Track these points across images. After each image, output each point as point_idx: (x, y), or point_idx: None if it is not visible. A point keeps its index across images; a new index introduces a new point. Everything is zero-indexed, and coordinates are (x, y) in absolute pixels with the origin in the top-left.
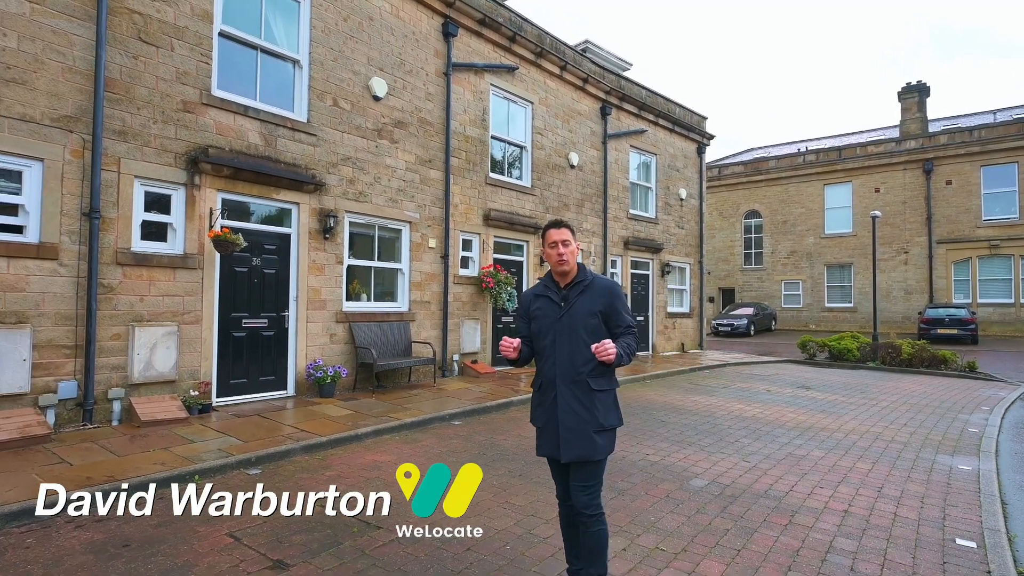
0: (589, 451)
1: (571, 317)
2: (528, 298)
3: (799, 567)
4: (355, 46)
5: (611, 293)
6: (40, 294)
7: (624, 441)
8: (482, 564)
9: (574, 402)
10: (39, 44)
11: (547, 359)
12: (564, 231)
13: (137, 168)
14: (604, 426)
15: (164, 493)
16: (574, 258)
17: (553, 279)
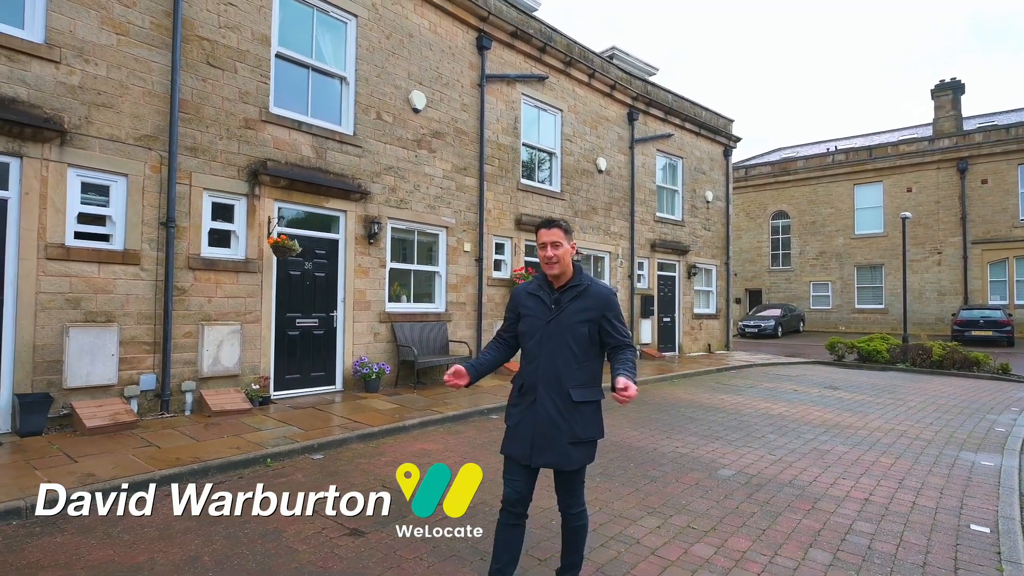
0: (561, 461)
1: (560, 322)
2: (521, 294)
3: (820, 545)
4: (396, 62)
5: (605, 302)
6: (125, 296)
7: (655, 435)
8: (532, 537)
9: (553, 410)
10: (124, 71)
11: (531, 362)
12: (555, 231)
13: (205, 181)
14: (581, 438)
15: (243, 473)
16: (567, 259)
17: (547, 279)
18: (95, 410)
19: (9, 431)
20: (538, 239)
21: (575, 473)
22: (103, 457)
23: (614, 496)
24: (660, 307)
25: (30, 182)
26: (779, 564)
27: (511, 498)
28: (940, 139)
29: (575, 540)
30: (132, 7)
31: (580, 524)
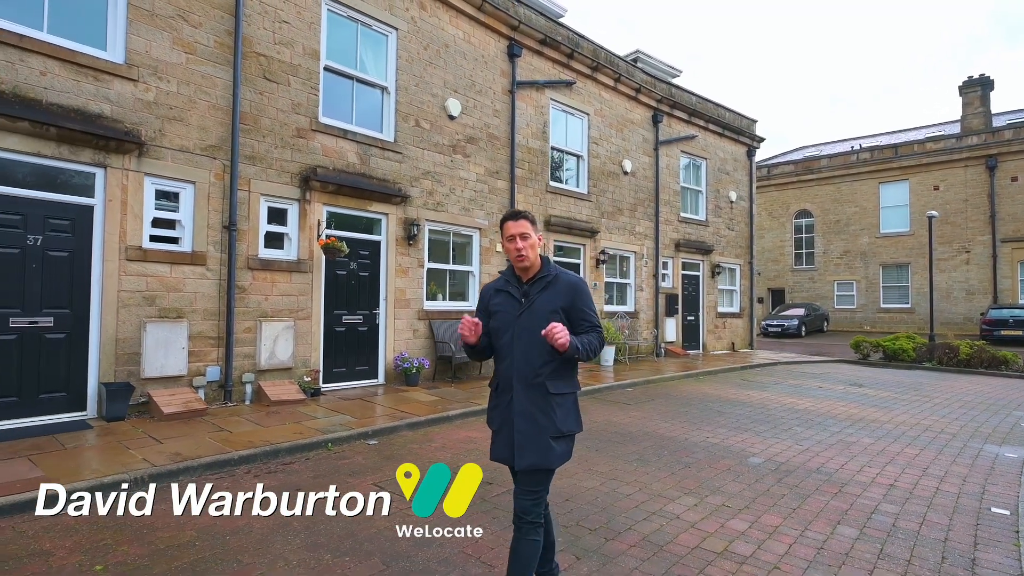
0: (544, 459)
1: (531, 315)
2: (488, 292)
3: (847, 522)
4: (433, 71)
5: (574, 289)
6: (193, 294)
7: (685, 427)
8: (580, 510)
9: (530, 406)
10: (192, 87)
11: (504, 358)
12: (523, 223)
13: (263, 187)
14: (562, 432)
15: (310, 455)
16: (535, 252)
17: (515, 273)
18: (169, 398)
19: (96, 416)
20: (504, 232)
21: (544, 474)
22: (184, 440)
23: (652, 479)
24: (684, 306)
25: (112, 190)
26: (809, 537)
27: None
28: (968, 136)
29: (527, 557)
30: (199, 27)
31: (535, 539)
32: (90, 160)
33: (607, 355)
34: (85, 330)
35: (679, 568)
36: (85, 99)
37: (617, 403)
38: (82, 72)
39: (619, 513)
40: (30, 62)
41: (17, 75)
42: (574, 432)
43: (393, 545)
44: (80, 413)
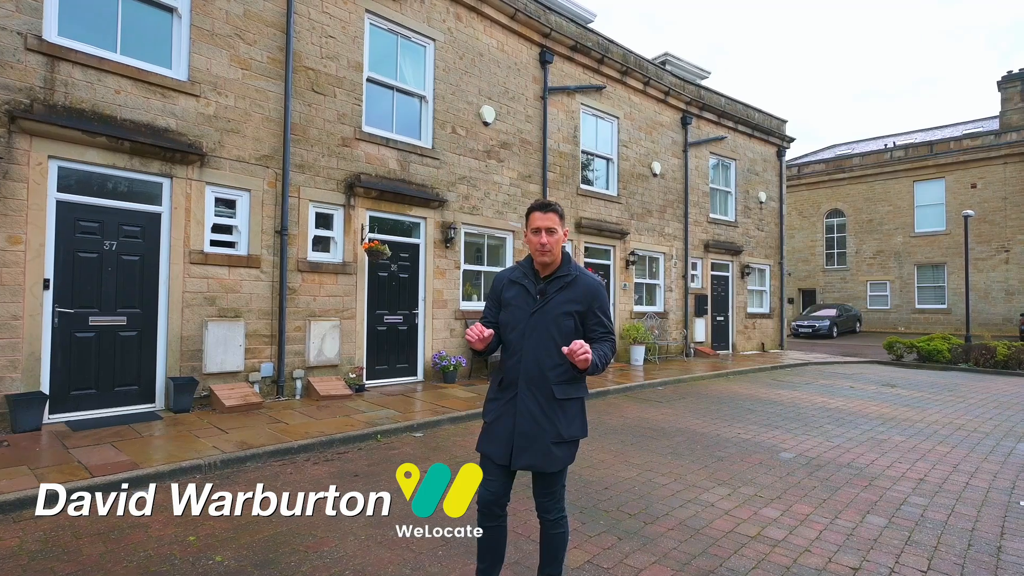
0: (543, 462)
1: (544, 314)
2: (502, 282)
3: (876, 512)
4: (469, 80)
5: (593, 293)
6: (248, 295)
7: (717, 423)
8: (619, 497)
9: (535, 408)
10: (247, 101)
11: (512, 355)
12: (551, 216)
13: (311, 194)
14: (564, 438)
15: (362, 446)
16: (559, 247)
17: (533, 267)
18: (229, 392)
19: (164, 408)
20: (530, 223)
21: (556, 475)
22: (246, 430)
23: (686, 471)
24: (713, 306)
25: (178, 198)
26: (839, 524)
27: (486, 499)
28: (1007, 132)
29: (554, 550)
30: (253, 45)
31: (559, 532)
32: (158, 171)
33: (636, 354)
34: (154, 328)
35: (715, 549)
36: (154, 114)
37: (649, 401)
38: (151, 89)
39: (656, 500)
40: (106, 82)
41: (96, 94)
42: (577, 438)
43: None
44: (150, 405)
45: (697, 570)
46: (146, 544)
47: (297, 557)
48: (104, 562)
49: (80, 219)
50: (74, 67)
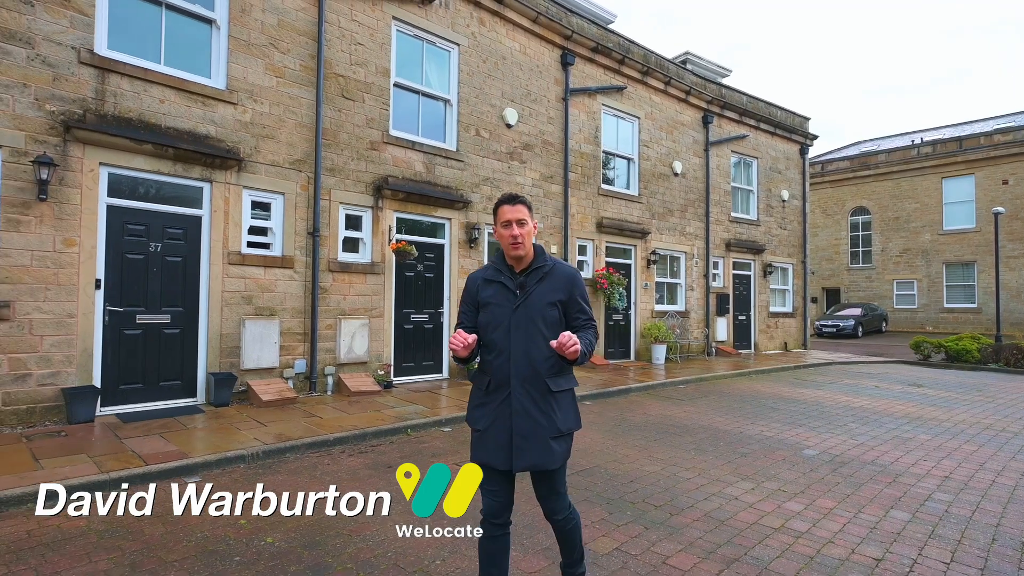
0: (545, 459)
1: (528, 307)
2: (476, 283)
3: (900, 507)
4: (492, 83)
5: (572, 281)
6: (283, 294)
7: (740, 421)
8: (645, 489)
9: (530, 405)
10: (281, 107)
11: (498, 355)
12: (520, 208)
13: (341, 196)
14: (562, 431)
15: (393, 439)
16: (530, 240)
17: (506, 262)
18: (265, 387)
19: (204, 402)
20: (499, 217)
21: (558, 472)
22: (283, 424)
23: (709, 466)
24: (735, 305)
25: (217, 202)
26: (863, 518)
27: (492, 509)
28: None
29: (570, 539)
30: (287, 53)
31: (572, 526)
32: (199, 176)
33: (658, 353)
34: (195, 326)
35: (739, 539)
36: (195, 122)
37: (671, 399)
38: (192, 98)
39: (681, 493)
40: (152, 92)
41: (142, 103)
42: (573, 430)
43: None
44: (191, 399)
45: (722, 558)
46: (201, 526)
47: (341, 540)
48: (166, 541)
49: (128, 222)
50: (122, 78)
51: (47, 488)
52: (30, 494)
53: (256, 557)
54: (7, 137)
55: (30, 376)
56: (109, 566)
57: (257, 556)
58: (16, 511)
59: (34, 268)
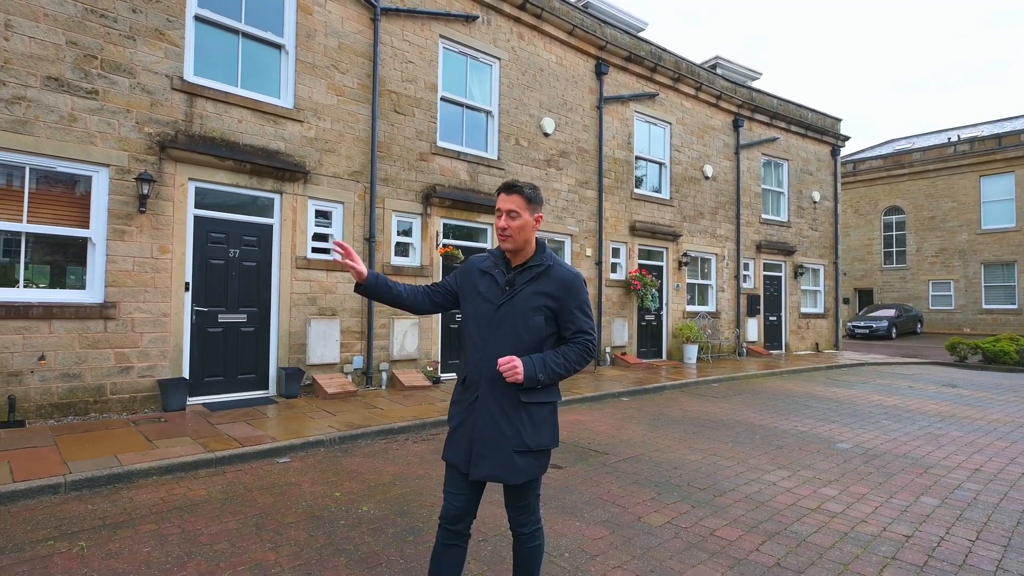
0: (504, 473)
1: (512, 308)
2: (473, 271)
3: (930, 494)
4: (530, 94)
5: (567, 286)
6: (343, 296)
7: (774, 417)
8: (688, 475)
9: (497, 411)
10: (341, 123)
11: (474, 351)
12: (514, 198)
13: (394, 205)
14: (530, 447)
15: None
16: (523, 234)
17: (504, 255)
18: (328, 381)
19: (275, 394)
20: (496, 205)
21: (527, 486)
22: (349, 414)
23: (747, 456)
24: (766, 306)
25: (286, 212)
26: (894, 503)
27: (450, 513)
28: None
29: (529, 564)
30: (346, 73)
31: (535, 545)
32: (271, 188)
33: (690, 353)
34: (267, 324)
35: (779, 517)
36: (267, 139)
37: (705, 396)
38: (265, 117)
39: (722, 479)
40: (231, 113)
41: (223, 124)
42: (547, 448)
43: (546, 485)
44: (264, 391)
45: (764, 531)
46: (304, 497)
47: (426, 510)
48: (278, 508)
49: (211, 231)
50: (207, 101)
51: (167, 463)
52: (155, 468)
53: (357, 521)
54: (114, 157)
55: (132, 368)
56: (238, 525)
57: (358, 521)
58: (144, 482)
59: (135, 272)
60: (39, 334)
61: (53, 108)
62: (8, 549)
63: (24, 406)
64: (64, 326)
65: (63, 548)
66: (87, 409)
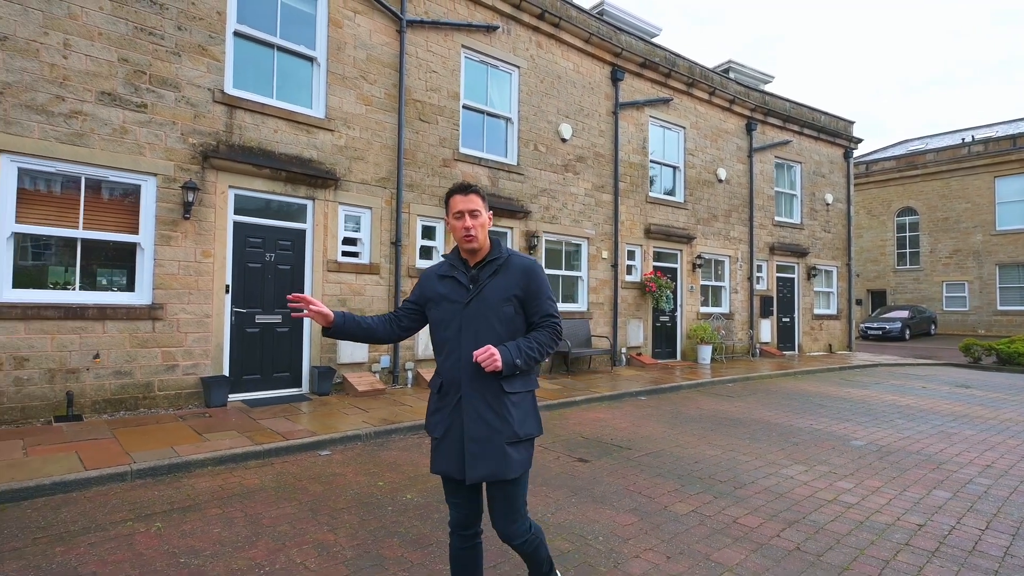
0: (501, 468)
1: (481, 303)
2: (431, 279)
3: (942, 488)
4: (548, 101)
5: (529, 273)
6: (370, 297)
7: (789, 415)
8: (709, 468)
9: (483, 407)
10: (369, 132)
11: (449, 355)
12: (472, 198)
13: (419, 210)
14: (520, 436)
15: None
16: (484, 232)
17: (460, 257)
18: (359, 379)
19: (308, 392)
20: (451, 208)
21: (515, 485)
22: (381, 410)
23: (764, 451)
24: (779, 307)
25: (318, 217)
26: (907, 496)
27: (459, 520)
28: None
29: (536, 557)
30: (374, 84)
31: (534, 546)
32: (304, 195)
33: (704, 353)
34: (300, 325)
35: (797, 507)
36: (301, 148)
37: (720, 395)
38: (298, 127)
39: (742, 472)
40: (268, 123)
41: (260, 134)
42: (533, 436)
43: (570, 473)
44: (298, 389)
45: (784, 520)
46: (351, 486)
47: None
48: (327, 496)
49: (249, 236)
50: (245, 113)
51: (220, 455)
52: (210, 459)
53: (403, 508)
54: (161, 167)
55: (177, 367)
56: (294, 510)
57: (404, 507)
58: (201, 471)
59: (180, 276)
60: (94, 334)
61: (106, 121)
62: (92, 528)
63: (80, 401)
64: (116, 326)
65: (141, 528)
66: (136, 405)
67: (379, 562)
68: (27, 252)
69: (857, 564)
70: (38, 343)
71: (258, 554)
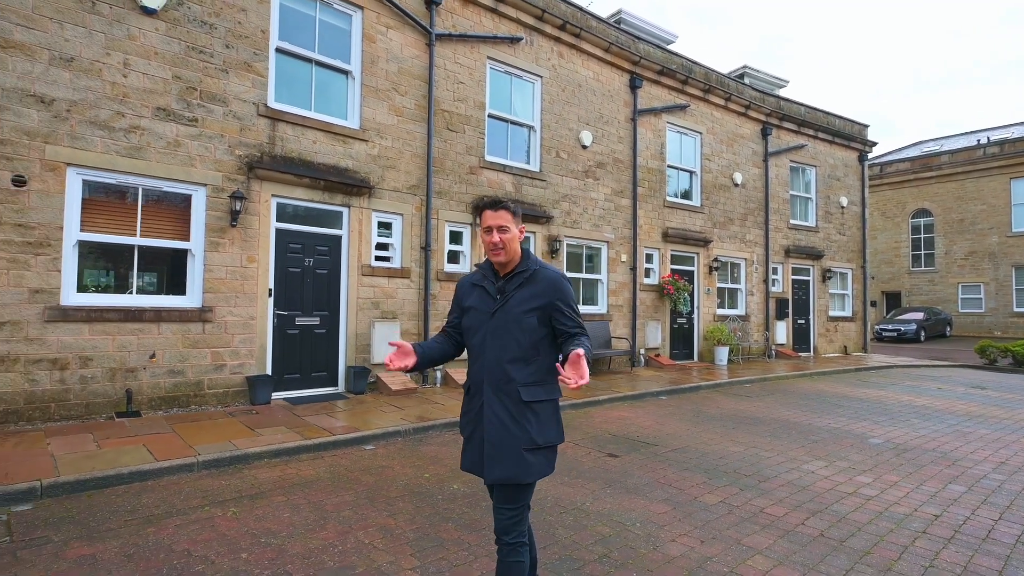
0: (517, 472)
1: (505, 313)
2: (465, 287)
3: (957, 482)
4: (569, 109)
5: (555, 287)
6: (402, 300)
7: (807, 415)
8: (733, 464)
9: (503, 413)
10: (400, 141)
11: (475, 360)
12: (502, 214)
13: (447, 215)
14: (538, 443)
15: None
16: (514, 246)
17: (492, 267)
18: (392, 379)
19: (344, 391)
20: (482, 222)
21: (523, 488)
22: (415, 408)
23: (785, 448)
24: (794, 309)
25: (353, 223)
26: (924, 489)
27: (496, 528)
28: None
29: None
30: (405, 95)
31: (516, 561)
32: (340, 202)
33: (720, 355)
34: (337, 327)
35: (820, 499)
36: (337, 158)
37: (738, 396)
38: (335, 138)
39: (765, 467)
40: (307, 135)
41: (300, 145)
42: (553, 443)
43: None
44: (334, 388)
45: (807, 510)
46: (399, 477)
47: None
48: (380, 486)
49: (289, 242)
50: (287, 125)
51: (275, 448)
52: (267, 452)
53: (452, 496)
54: (210, 177)
55: (225, 366)
56: (352, 498)
57: (452, 496)
58: (259, 463)
59: (228, 280)
60: (150, 335)
61: (161, 135)
62: (174, 513)
63: (137, 398)
64: (170, 328)
65: (218, 513)
66: (188, 402)
67: (440, 543)
68: (89, 258)
69: (878, 549)
70: (100, 344)
71: (329, 535)
